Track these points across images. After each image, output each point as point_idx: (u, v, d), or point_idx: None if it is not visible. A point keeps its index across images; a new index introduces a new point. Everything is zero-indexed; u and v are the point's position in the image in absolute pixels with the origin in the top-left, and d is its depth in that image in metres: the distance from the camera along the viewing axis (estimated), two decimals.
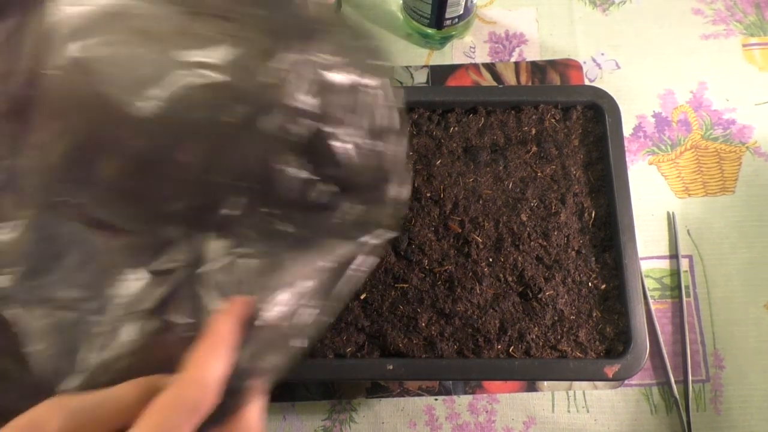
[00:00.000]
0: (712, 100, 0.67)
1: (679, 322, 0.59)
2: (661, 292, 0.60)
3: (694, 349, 0.58)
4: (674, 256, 0.61)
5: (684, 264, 0.61)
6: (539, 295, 0.53)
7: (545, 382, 0.58)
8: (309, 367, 0.51)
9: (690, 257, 0.61)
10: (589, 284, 0.54)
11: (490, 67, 0.69)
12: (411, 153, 0.57)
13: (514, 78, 0.68)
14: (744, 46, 0.69)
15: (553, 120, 0.59)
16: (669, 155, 0.65)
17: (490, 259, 0.54)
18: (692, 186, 0.64)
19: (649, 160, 0.65)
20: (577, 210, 0.56)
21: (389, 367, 0.51)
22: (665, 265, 0.61)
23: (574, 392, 0.58)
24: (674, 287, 0.60)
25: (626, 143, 0.62)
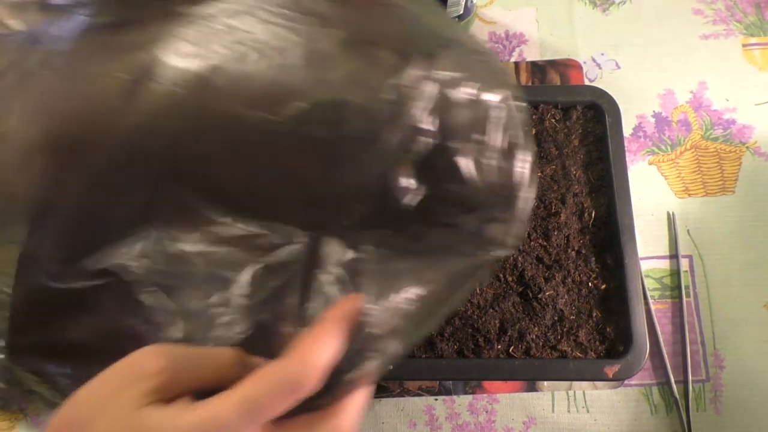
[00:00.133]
0: (712, 100, 0.67)
1: (679, 322, 0.59)
2: (661, 292, 0.60)
3: (694, 349, 0.58)
4: (674, 256, 0.61)
5: (684, 264, 0.61)
6: (539, 295, 0.53)
7: (545, 382, 0.58)
8: None
9: (690, 257, 0.61)
10: (589, 284, 0.54)
11: None
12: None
13: (514, 78, 0.68)
14: (744, 46, 0.69)
15: (553, 120, 0.59)
16: (669, 155, 0.65)
17: None
18: (692, 186, 0.64)
19: (649, 160, 0.65)
20: (577, 210, 0.56)
21: (389, 367, 0.51)
22: (665, 265, 0.61)
23: (574, 392, 0.58)
24: (674, 287, 0.60)
25: (626, 143, 0.62)
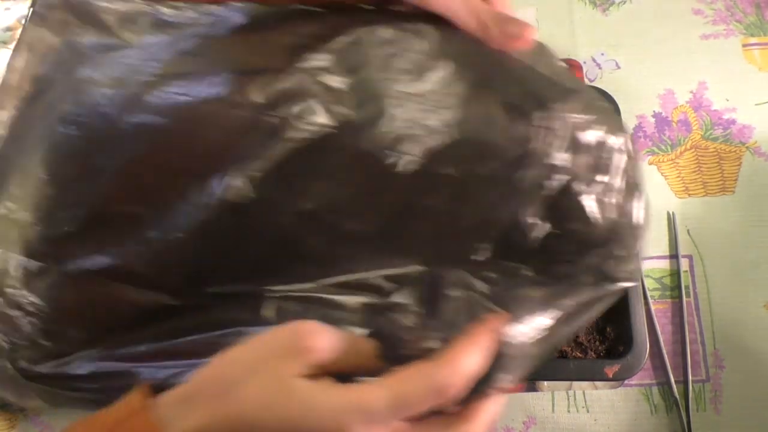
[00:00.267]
0: (712, 100, 0.67)
1: (679, 322, 0.59)
2: (661, 292, 0.60)
3: (694, 349, 0.58)
4: (674, 256, 0.61)
5: (684, 264, 0.61)
6: None
7: (545, 382, 0.58)
8: None
9: (690, 257, 0.61)
10: None
11: None
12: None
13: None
14: (744, 46, 0.69)
15: None
16: (669, 155, 0.65)
17: None
18: (692, 186, 0.64)
19: (649, 160, 0.65)
20: None
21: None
22: (665, 265, 0.61)
23: (574, 392, 0.58)
24: (674, 287, 0.60)
25: None
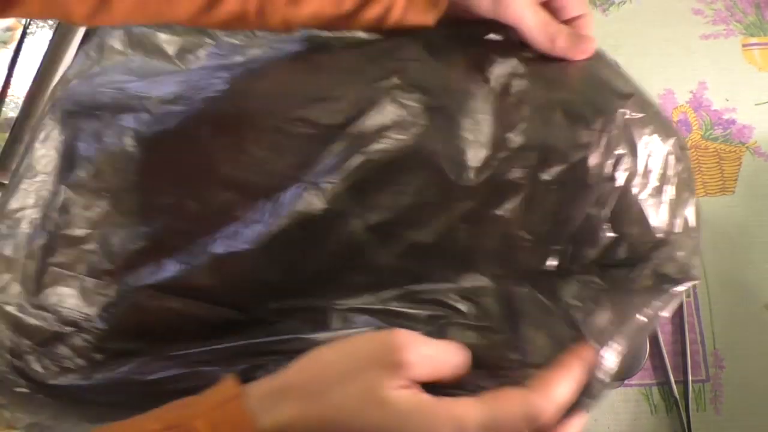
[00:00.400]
0: (712, 100, 0.67)
1: (679, 322, 0.59)
2: None
3: (694, 349, 0.58)
4: None
5: None
6: None
7: None
8: None
9: None
10: None
11: None
12: None
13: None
14: (744, 46, 0.69)
15: None
16: None
17: None
18: None
19: None
20: None
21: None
22: None
23: None
24: None
25: None
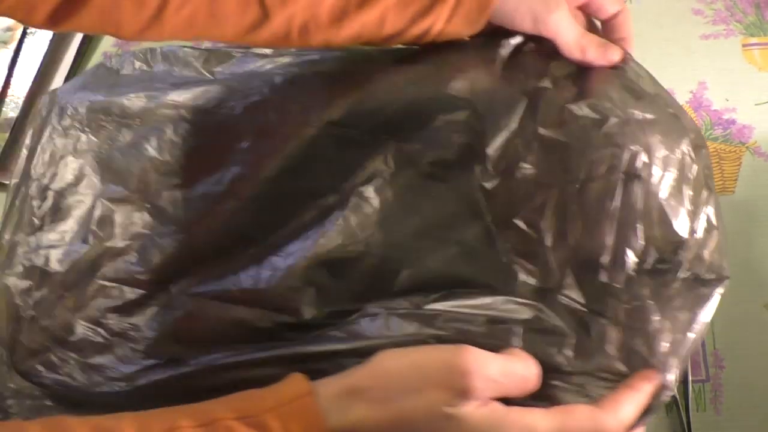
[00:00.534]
0: (712, 100, 0.67)
1: None
2: None
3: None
4: None
5: None
6: None
7: None
8: None
9: None
10: None
11: None
12: None
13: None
14: (744, 46, 0.69)
15: None
16: None
17: None
18: None
19: None
20: None
21: None
22: None
23: None
24: None
25: None
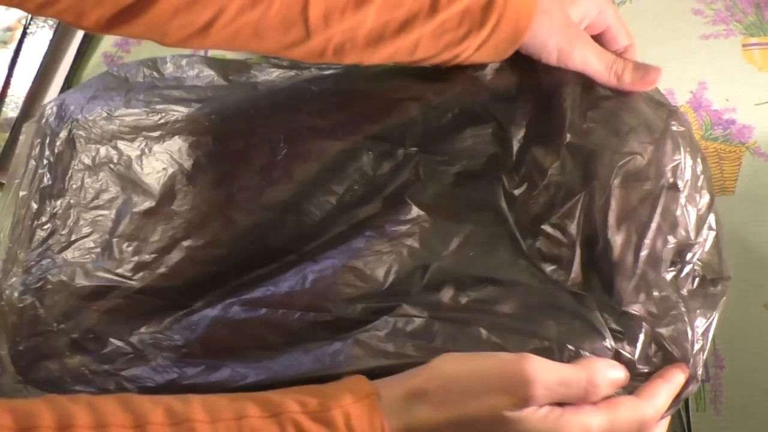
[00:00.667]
0: (712, 100, 0.67)
1: None
2: None
3: None
4: None
5: None
6: None
7: None
8: None
9: None
10: None
11: None
12: None
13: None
14: (744, 46, 0.69)
15: None
16: None
17: None
18: None
19: None
20: None
21: None
22: None
23: None
24: None
25: None
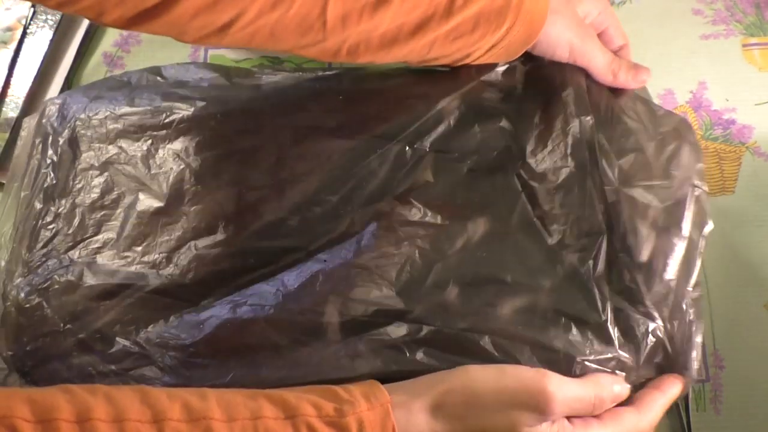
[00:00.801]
0: (712, 100, 0.67)
1: None
2: None
3: None
4: None
5: None
6: None
7: None
8: None
9: None
10: None
11: None
12: None
13: None
14: (744, 46, 0.69)
15: None
16: None
17: None
18: None
19: None
20: None
21: None
22: None
23: None
24: None
25: None
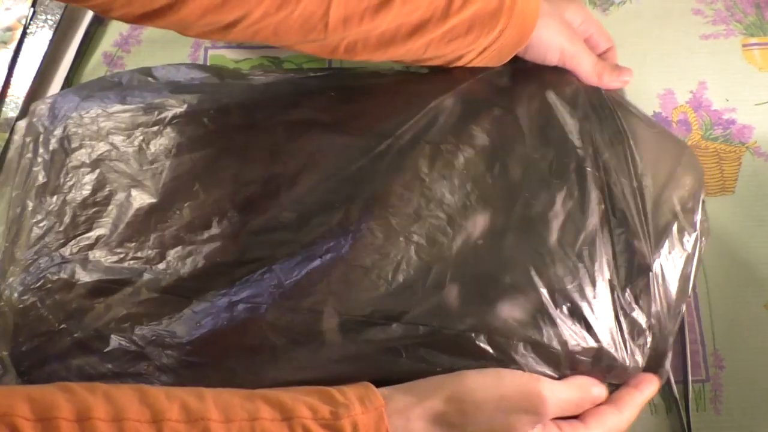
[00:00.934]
0: (712, 100, 0.67)
1: (679, 321, 0.59)
2: None
3: (694, 349, 0.58)
4: None
5: None
6: None
7: None
8: None
9: None
10: None
11: None
12: None
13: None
14: (744, 46, 0.69)
15: None
16: None
17: None
18: None
19: None
20: None
21: None
22: None
23: None
24: None
25: None
